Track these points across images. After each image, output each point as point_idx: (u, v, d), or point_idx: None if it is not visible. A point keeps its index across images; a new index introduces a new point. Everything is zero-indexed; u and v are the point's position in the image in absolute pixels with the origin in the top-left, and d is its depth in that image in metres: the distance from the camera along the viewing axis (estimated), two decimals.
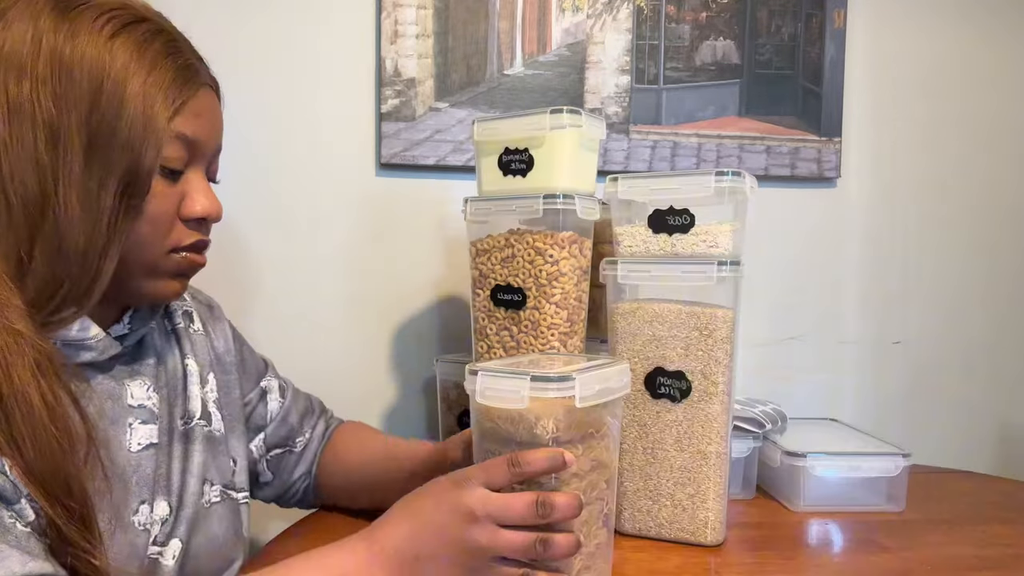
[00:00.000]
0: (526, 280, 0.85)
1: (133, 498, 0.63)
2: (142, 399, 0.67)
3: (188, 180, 0.64)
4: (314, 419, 0.91)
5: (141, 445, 0.65)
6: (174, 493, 0.67)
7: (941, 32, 1.31)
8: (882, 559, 0.79)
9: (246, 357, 0.86)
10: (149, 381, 0.69)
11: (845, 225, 1.31)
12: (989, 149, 1.34)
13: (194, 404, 0.72)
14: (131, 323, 0.68)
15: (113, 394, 0.65)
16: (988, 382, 1.35)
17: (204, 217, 0.65)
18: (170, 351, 0.74)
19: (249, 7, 1.12)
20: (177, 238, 0.63)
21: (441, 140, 1.17)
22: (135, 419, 0.66)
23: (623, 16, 1.20)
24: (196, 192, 0.64)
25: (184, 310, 0.78)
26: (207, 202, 0.64)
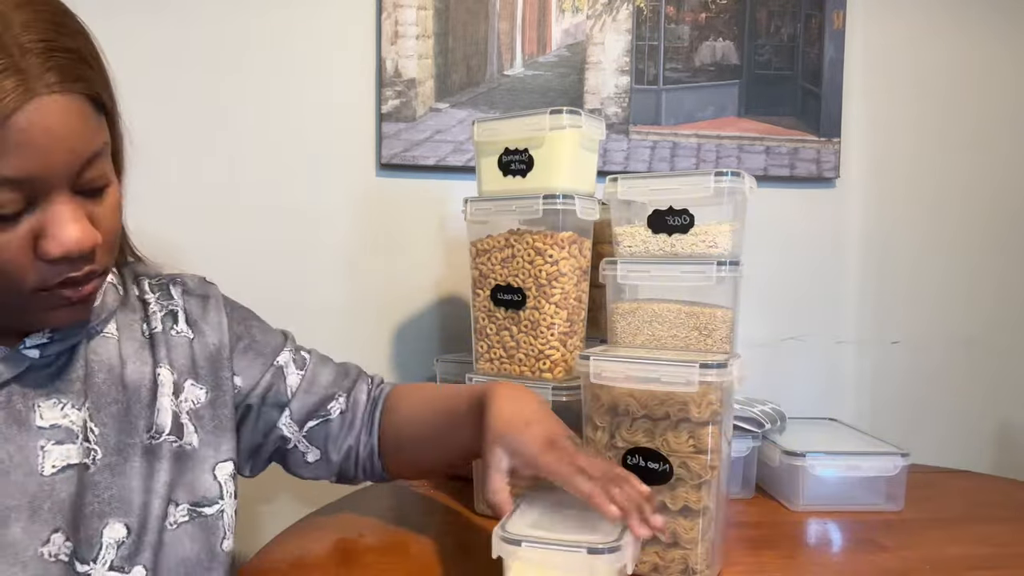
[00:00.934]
0: (526, 280, 0.85)
1: (43, 527, 0.58)
2: (54, 419, 0.61)
3: (41, 214, 0.53)
4: (349, 382, 0.82)
5: (56, 467, 0.59)
6: (133, 514, 0.63)
7: (940, 32, 1.31)
8: (881, 558, 0.79)
9: (256, 337, 0.79)
10: (68, 399, 0.62)
11: (844, 225, 1.31)
12: (989, 149, 1.34)
13: (163, 418, 0.67)
14: (52, 332, 0.62)
15: (17, 417, 0.59)
16: (988, 382, 1.35)
17: (62, 257, 0.53)
18: (139, 359, 0.68)
19: (249, 7, 1.12)
20: (40, 279, 0.54)
21: (441, 140, 1.18)
22: (47, 440, 0.60)
23: (623, 17, 1.21)
24: (52, 227, 0.53)
25: (168, 310, 0.73)
26: (67, 238, 0.53)
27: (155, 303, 0.73)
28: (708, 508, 0.70)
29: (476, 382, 0.88)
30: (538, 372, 0.85)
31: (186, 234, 1.11)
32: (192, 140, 1.12)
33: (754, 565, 0.77)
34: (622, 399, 0.72)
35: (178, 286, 0.76)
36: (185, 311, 0.74)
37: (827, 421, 1.18)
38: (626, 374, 0.70)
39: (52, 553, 0.58)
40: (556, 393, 0.84)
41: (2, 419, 0.59)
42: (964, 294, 1.34)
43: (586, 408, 0.75)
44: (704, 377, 0.67)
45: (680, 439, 0.70)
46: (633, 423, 0.72)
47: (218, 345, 0.74)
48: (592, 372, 0.72)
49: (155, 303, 0.73)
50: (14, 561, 0.56)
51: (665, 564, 0.71)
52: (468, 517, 0.89)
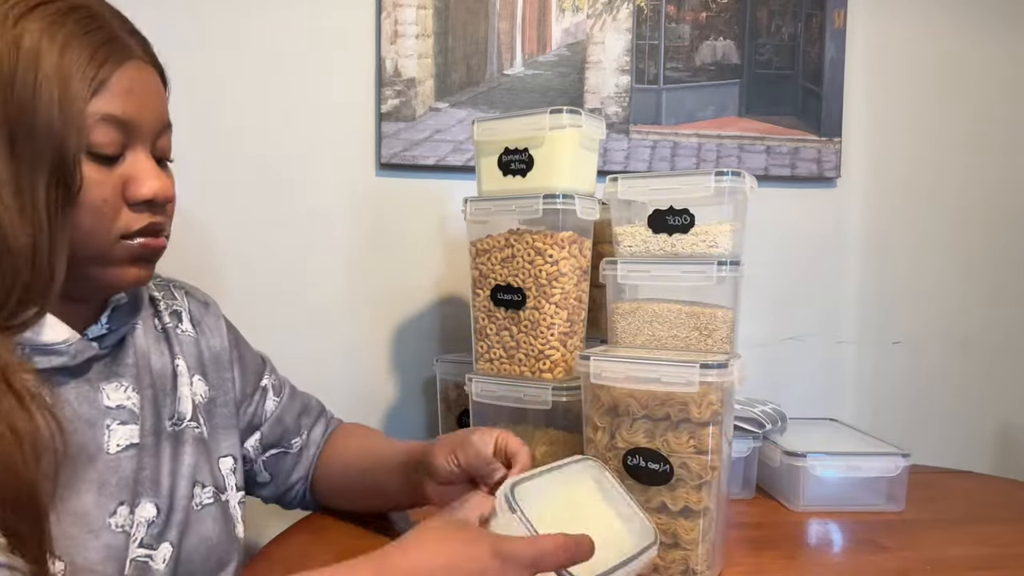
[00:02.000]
0: (526, 280, 0.85)
1: (110, 500, 0.62)
2: (119, 400, 0.65)
3: (131, 162, 0.60)
4: (311, 420, 0.89)
5: (120, 446, 0.64)
6: (163, 495, 0.66)
7: (941, 32, 1.31)
8: (882, 559, 0.79)
9: (244, 354, 0.84)
10: (127, 382, 0.67)
11: (845, 225, 1.31)
12: (989, 149, 1.34)
13: (184, 405, 0.71)
14: (109, 323, 0.66)
15: (88, 397, 0.63)
16: (988, 382, 1.35)
17: (151, 199, 0.61)
18: (159, 351, 0.72)
19: (249, 7, 1.12)
20: (125, 224, 0.60)
21: (441, 140, 1.17)
22: (113, 420, 0.64)
23: (623, 16, 1.20)
24: (141, 174, 0.60)
25: (173, 309, 0.77)
26: (153, 183, 0.61)
27: (162, 300, 0.77)
28: (709, 509, 0.70)
29: (476, 382, 0.88)
30: (538, 372, 0.85)
31: (186, 234, 1.10)
32: (192, 140, 1.12)
33: (755, 566, 0.77)
34: (622, 399, 0.72)
35: (180, 288, 0.80)
36: (189, 312, 0.78)
37: (827, 421, 1.18)
38: (626, 374, 0.70)
39: (119, 524, 0.62)
40: (556, 393, 0.83)
41: (75, 399, 0.63)
42: (964, 294, 1.34)
43: (586, 408, 0.75)
44: (704, 377, 0.67)
45: (680, 439, 0.69)
46: (633, 423, 0.72)
47: (220, 348, 0.79)
48: (592, 372, 0.72)
49: (162, 300, 0.77)
50: (87, 528, 0.60)
51: (666, 565, 0.71)
52: None
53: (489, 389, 0.87)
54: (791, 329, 1.30)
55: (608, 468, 0.70)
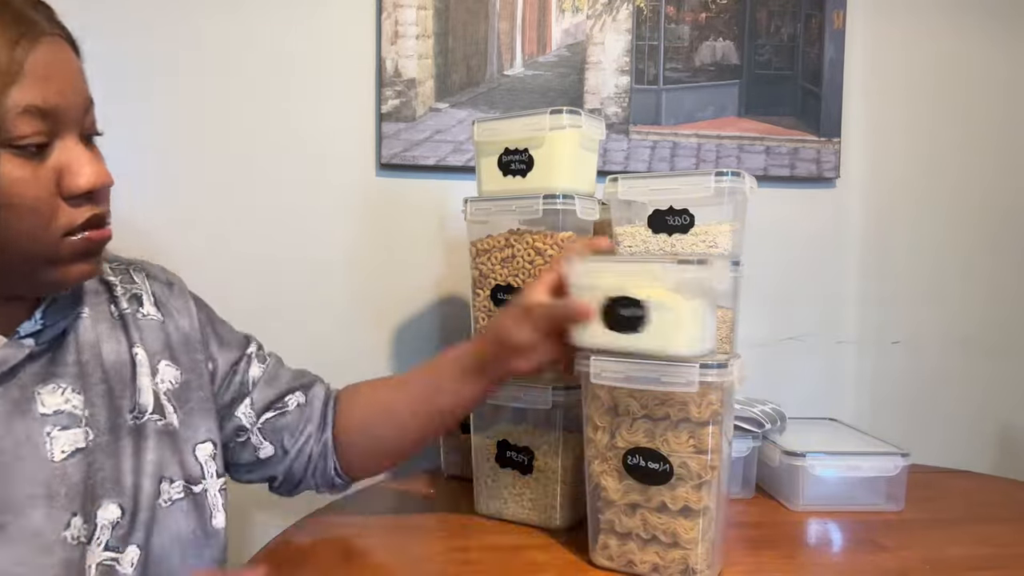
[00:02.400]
0: (526, 280, 0.85)
1: (63, 512, 0.58)
2: (57, 404, 0.61)
3: (61, 152, 0.56)
4: (308, 381, 0.83)
5: (66, 452, 0.60)
6: (126, 494, 0.63)
7: (940, 32, 1.31)
8: (881, 559, 0.79)
9: (218, 329, 0.79)
10: (67, 382, 0.62)
11: (844, 225, 1.31)
12: (989, 149, 1.34)
13: (145, 397, 0.67)
14: (44, 318, 0.62)
15: (19, 406, 0.59)
16: (988, 382, 1.35)
17: (89, 190, 0.57)
18: (114, 339, 0.68)
19: (249, 7, 1.12)
20: (67, 220, 0.56)
21: (441, 140, 1.17)
22: (53, 427, 0.60)
23: (623, 17, 1.21)
24: (75, 164, 0.56)
25: (132, 293, 0.72)
26: (89, 172, 0.57)
27: (120, 286, 0.72)
28: (708, 508, 0.70)
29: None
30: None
31: (187, 234, 1.11)
32: (192, 140, 1.12)
33: (754, 565, 0.77)
34: (622, 399, 0.72)
35: (140, 271, 0.75)
36: (152, 294, 0.74)
37: (827, 421, 1.18)
38: (626, 374, 0.70)
39: (74, 536, 0.58)
40: (556, 393, 0.84)
41: (4, 409, 0.58)
42: (964, 294, 1.34)
43: (586, 408, 0.75)
44: (704, 377, 0.67)
45: (680, 439, 0.70)
46: (633, 423, 0.72)
47: (189, 329, 0.75)
48: (592, 372, 0.72)
49: (120, 286, 0.72)
50: (39, 548, 0.56)
51: (665, 564, 0.71)
52: (468, 517, 0.89)
53: None
54: (791, 329, 1.30)
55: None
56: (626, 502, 0.73)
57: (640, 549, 0.72)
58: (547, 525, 0.86)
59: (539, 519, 0.86)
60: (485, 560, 0.77)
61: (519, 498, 0.87)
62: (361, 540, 0.82)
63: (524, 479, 0.87)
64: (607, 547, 0.74)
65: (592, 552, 0.76)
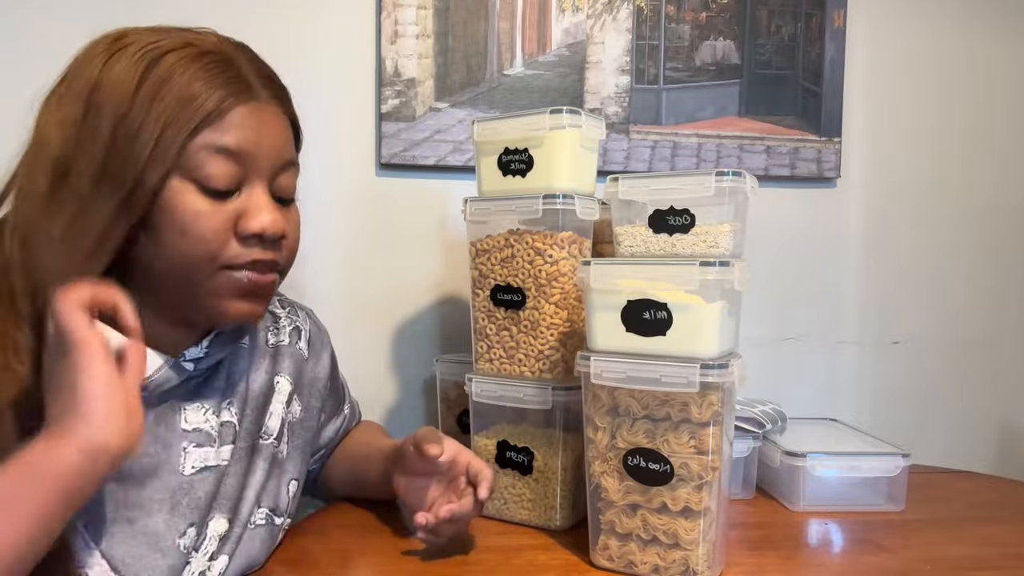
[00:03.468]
0: (525, 280, 0.85)
1: (181, 521, 0.64)
2: (197, 423, 0.67)
3: (247, 197, 0.62)
4: (344, 430, 0.94)
5: (195, 468, 0.66)
6: (233, 509, 0.68)
7: (941, 32, 1.31)
8: (881, 559, 0.79)
9: (337, 384, 0.90)
10: (210, 404, 0.69)
11: (845, 225, 1.31)
12: (989, 149, 1.34)
13: (273, 422, 0.74)
14: (209, 347, 0.68)
15: (166, 418, 0.65)
16: (988, 382, 1.35)
17: (260, 233, 0.61)
18: (262, 368, 0.75)
19: (249, 7, 1.12)
20: (231, 256, 0.61)
21: (441, 140, 1.17)
22: (189, 443, 0.66)
23: (623, 16, 1.20)
24: (253, 208, 0.62)
25: (296, 326, 0.81)
26: (264, 218, 0.61)
27: (285, 317, 0.81)
28: (709, 509, 0.70)
29: (476, 382, 0.88)
30: (538, 372, 0.85)
31: None
32: None
33: (755, 566, 0.77)
34: (623, 399, 0.72)
35: (303, 310, 0.85)
36: (309, 332, 0.83)
37: (827, 421, 1.18)
38: (626, 374, 0.70)
39: (187, 545, 0.64)
40: (556, 393, 0.83)
41: (154, 420, 0.65)
42: (964, 294, 1.34)
43: (586, 408, 0.75)
44: (705, 377, 0.67)
45: (681, 440, 0.70)
46: (634, 424, 0.72)
47: (320, 375, 0.83)
48: (592, 372, 0.72)
49: (285, 317, 0.81)
50: (155, 548, 0.62)
51: (666, 565, 0.71)
52: None
53: (489, 389, 0.87)
54: (791, 329, 1.30)
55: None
56: (626, 503, 0.72)
57: (641, 550, 0.72)
58: (547, 525, 0.86)
59: (539, 519, 0.86)
60: (485, 560, 0.76)
61: (519, 498, 0.87)
62: (361, 541, 0.82)
63: (524, 479, 0.87)
64: (607, 548, 0.74)
65: (592, 553, 0.76)
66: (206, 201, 0.59)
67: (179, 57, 0.60)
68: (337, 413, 0.91)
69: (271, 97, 0.64)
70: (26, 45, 1.06)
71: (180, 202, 0.58)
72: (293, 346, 0.79)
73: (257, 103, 0.62)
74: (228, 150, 0.60)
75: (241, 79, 0.62)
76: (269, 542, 0.73)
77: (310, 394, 0.82)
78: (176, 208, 0.58)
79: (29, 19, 1.08)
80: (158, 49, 0.60)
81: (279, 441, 0.75)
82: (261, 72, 0.65)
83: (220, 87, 0.60)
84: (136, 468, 0.63)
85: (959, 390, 1.34)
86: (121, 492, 0.62)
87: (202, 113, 0.58)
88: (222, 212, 0.60)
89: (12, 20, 1.07)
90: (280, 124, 0.65)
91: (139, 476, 0.63)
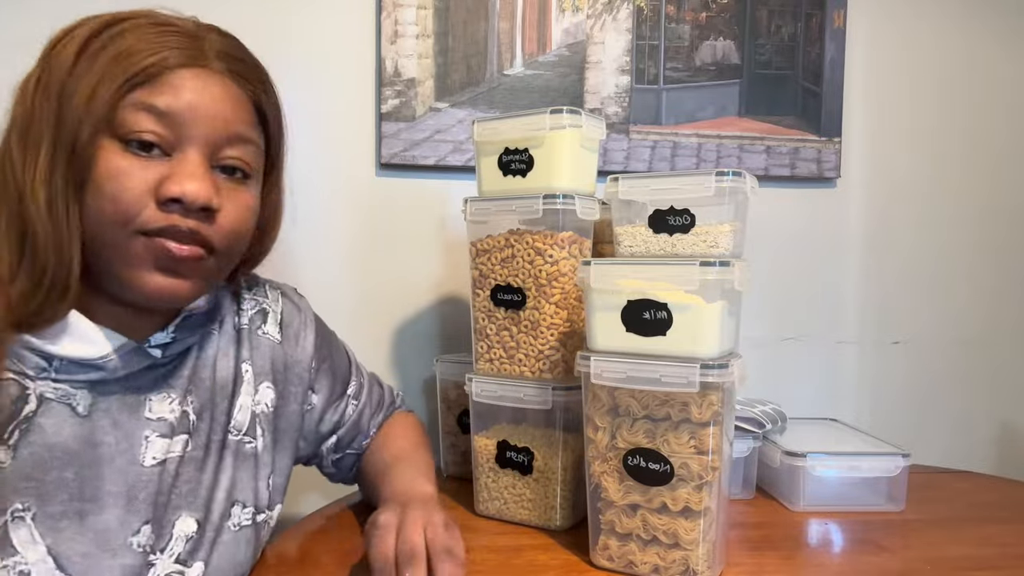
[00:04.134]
0: (526, 280, 0.85)
1: (135, 518, 0.61)
2: (162, 412, 0.64)
3: (178, 161, 0.59)
4: (380, 417, 0.91)
5: (156, 459, 0.63)
6: (202, 509, 0.65)
7: (941, 32, 1.31)
8: (882, 559, 0.79)
9: (335, 361, 0.85)
10: (176, 393, 0.66)
11: (845, 225, 1.31)
12: (990, 148, 1.34)
13: (242, 416, 0.71)
14: (176, 332, 0.65)
15: (130, 407, 0.63)
16: (988, 382, 1.35)
17: (177, 198, 0.57)
18: (227, 355, 0.71)
19: (249, 7, 1.12)
20: (146, 219, 0.57)
21: (441, 140, 1.17)
22: (152, 432, 0.63)
23: (623, 16, 1.20)
24: (179, 172, 0.58)
25: (260, 308, 0.77)
26: (186, 183, 0.57)
27: (249, 299, 0.76)
28: (709, 509, 0.70)
29: (476, 382, 0.88)
30: (538, 372, 0.85)
31: None
32: None
33: (755, 566, 0.77)
34: (623, 399, 0.72)
35: (276, 289, 0.81)
36: (280, 314, 0.78)
37: (828, 421, 1.18)
38: (626, 374, 0.70)
39: (140, 544, 0.61)
40: (556, 393, 0.83)
41: (117, 407, 0.62)
42: (964, 294, 1.34)
43: (586, 408, 0.75)
44: (705, 377, 0.67)
45: (681, 440, 0.70)
46: (634, 424, 0.72)
47: (299, 358, 0.78)
48: (592, 372, 0.72)
49: (249, 299, 0.76)
50: (105, 547, 0.59)
51: (666, 565, 0.71)
52: (468, 518, 0.89)
53: (489, 389, 0.87)
54: (791, 329, 1.30)
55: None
56: (627, 503, 0.73)
57: (641, 550, 0.72)
58: (547, 525, 0.86)
59: (539, 519, 0.86)
60: (485, 560, 0.76)
61: (519, 498, 0.87)
62: (361, 540, 0.81)
63: (524, 479, 0.87)
64: (607, 548, 0.74)
65: (592, 553, 0.76)
66: (128, 159, 0.57)
67: (133, 24, 0.59)
68: (339, 397, 0.85)
69: (226, 70, 0.62)
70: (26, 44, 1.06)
71: (103, 159, 0.56)
72: (258, 330, 0.75)
73: (205, 70, 0.60)
74: (156, 108, 0.57)
75: (193, 48, 0.60)
76: (255, 542, 0.70)
77: (288, 380, 0.77)
78: (99, 165, 0.56)
79: (29, 18, 1.08)
80: (111, 19, 0.59)
81: (252, 436, 0.71)
82: (225, 50, 0.63)
83: (164, 49, 0.58)
84: (95, 456, 0.60)
85: (959, 390, 1.34)
86: (76, 482, 0.59)
87: (135, 69, 0.56)
88: (143, 172, 0.57)
89: (12, 20, 1.07)
90: (228, 95, 0.61)
91: (97, 465, 0.60)
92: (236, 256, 0.66)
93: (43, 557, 0.56)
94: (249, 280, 0.78)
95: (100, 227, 0.57)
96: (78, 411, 0.60)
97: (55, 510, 0.57)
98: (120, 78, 0.56)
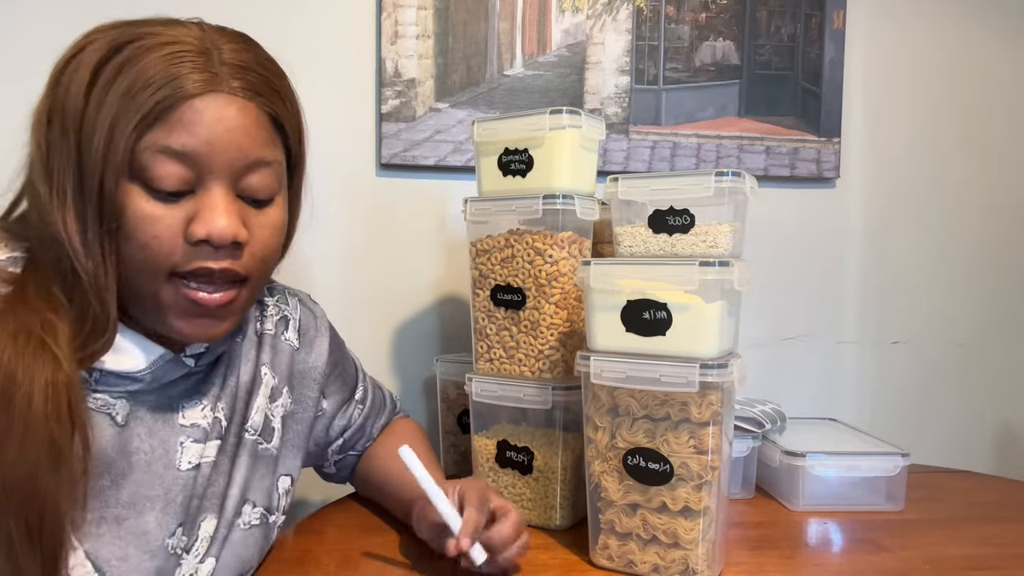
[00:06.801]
0: (526, 280, 0.85)
1: (172, 520, 0.63)
2: (195, 418, 0.66)
3: (203, 197, 0.57)
4: (381, 420, 0.92)
5: (191, 464, 0.65)
6: (219, 508, 0.67)
7: (940, 32, 1.31)
8: (881, 559, 0.79)
9: (346, 368, 0.87)
10: (208, 400, 0.68)
11: (844, 225, 1.31)
12: (989, 149, 1.34)
13: (257, 417, 0.71)
14: (208, 343, 0.66)
15: (164, 414, 0.64)
16: (988, 382, 1.35)
17: (205, 239, 0.57)
18: (249, 359, 0.72)
19: (249, 7, 1.12)
20: (178, 259, 0.57)
21: (441, 140, 1.17)
22: (187, 438, 0.65)
23: (623, 17, 1.21)
24: (206, 210, 0.57)
25: (283, 315, 0.78)
26: (212, 221, 0.57)
27: (272, 306, 0.78)
28: (709, 508, 0.70)
29: (476, 382, 0.88)
30: (538, 372, 0.85)
31: None
32: None
33: (754, 565, 0.77)
34: (622, 399, 0.72)
35: (295, 296, 0.82)
36: (299, 321, 0.79)
37: (827, 421, 1.18)
38: (626, 374, 0.70)
39: (174, 546, 0.63)
40: (556, 393, 0.84)
41: (151, 415, 0.63)
42: (964, 294, 1.34)
43: (586, 408, 0.75)
44: (704, 377, 0.67)
45: (681, 439, 0.70)
46: (634, 423, 0.72)
47: (314, 365, 0.80)
48: (592, 372, 0.72)
49: (272, 306, 0.78)
50: (145, 548, 0.60)
51: (666, 565, 0.71)
52: None
53: (489, 389, 0.88)
54: (791, 329, 1.30)
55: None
56: (626, 502, 0.73)
57: (640, 549, 0.72)
58: (547, 525, 0.86)
59: (539, 519, 0.86)
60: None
61: (519, 498, 0.87)
62: (361, 540, 0.82)
63: (524, 479, 0.87)
64: (607, 547, 0.74)
65: (592, 552, 0.76)
66: (154, 204, 0.56)
67: (137, 49, 0.56)
68: (348, 402, 0.87)
69: (242, 88, 0.58)
70: (25, 41, 1.06)
71: (130, 205, 0.56)
72: (279, 336, 0.76)
73: (217, 96, 0.57)
74: (173, 150, 0.55)
75: (204, 69, 0.57)
76: (263, 542, 0.71)
77: (303, 385, 0.78)
78: (127, 212, 0.56)
79: (28, 16, 1.08)
80: (117, 40, 0.56)
81: (267, 438, 0.72)
82: (237, 62, 0.59)
83: (175, 77, 0.55)
84: (129, 464, 0.61)
85: (959, 390, 1.34)
86: (113, 490, 0.60)
87: (148, 106, 0.54)
88: (171, 215, 0.56)
89: (11, 19, 1.08)
90: (246, 119, 0.59)
91: (131, 472, 0.61)
92: (269, 275, 0.68)
93: (82, 561, 0.57)
94: (272, 287, 0.80)
95: (134, 272, 0.58)
96: (117, 420, 0.61)
97: (92, 516, 0.58)
98: (134, 117, 0.54)
